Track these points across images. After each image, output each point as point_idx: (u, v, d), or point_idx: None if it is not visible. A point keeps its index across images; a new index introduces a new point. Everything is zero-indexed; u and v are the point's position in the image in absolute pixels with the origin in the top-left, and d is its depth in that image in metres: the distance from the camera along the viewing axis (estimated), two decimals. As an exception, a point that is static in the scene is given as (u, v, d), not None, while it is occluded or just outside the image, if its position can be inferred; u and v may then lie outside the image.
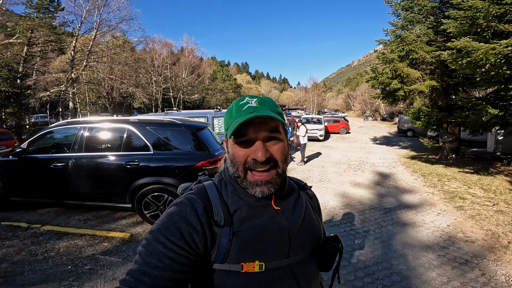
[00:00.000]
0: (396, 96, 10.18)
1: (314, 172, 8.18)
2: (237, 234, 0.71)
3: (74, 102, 24.31)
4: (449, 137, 10.04)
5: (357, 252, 3.48)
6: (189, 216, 0.69)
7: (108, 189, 4.17)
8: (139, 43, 27.08)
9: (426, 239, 3.87)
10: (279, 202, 0.78)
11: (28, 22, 19.73)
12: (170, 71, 40.60)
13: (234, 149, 0.73)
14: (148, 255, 0.65)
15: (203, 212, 0.71)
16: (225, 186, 0.78)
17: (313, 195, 0.97)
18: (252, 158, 0.71)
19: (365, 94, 58.46)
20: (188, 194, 0.76)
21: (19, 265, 3.07)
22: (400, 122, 21.51)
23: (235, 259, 0.69)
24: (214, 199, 0.74)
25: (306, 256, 0.80)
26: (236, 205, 0.74)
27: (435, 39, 9.45)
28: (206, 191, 0.76)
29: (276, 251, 0.73)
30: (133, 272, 0.64)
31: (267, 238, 0.73)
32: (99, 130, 4.37)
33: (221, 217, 0.71)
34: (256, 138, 0.71)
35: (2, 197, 4.54)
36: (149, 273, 0.63)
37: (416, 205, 5.30)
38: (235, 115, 0.72)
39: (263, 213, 0.75)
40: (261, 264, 0.70)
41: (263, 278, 0.70)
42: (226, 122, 0.75)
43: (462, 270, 3.10)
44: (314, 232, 0.84)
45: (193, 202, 0.72)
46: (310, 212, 0.86)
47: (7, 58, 18.59)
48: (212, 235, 0.70)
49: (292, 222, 0.78)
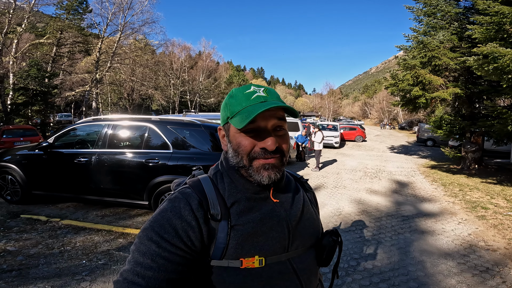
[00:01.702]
0: (417, 104, 9.95)
1: (329, 179, 8.09)
2: (235, 228, 0.68)
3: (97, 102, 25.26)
4: (472, 147, 9.67)
5: (372, 257, 3.41)
6: (183, 212, 0.66)
7: (127, 185, 4.26)
8: (160, 46, 27.98)
9: (446, 247, 3.75)
10: (278, 195, 0.76)
11: (58, 23, 20.80)
12: (187, 74, 41.49)
13: (239, 138, 0.70)
14: (141, 255, 0.62)
15: (198, 207, 0.67)
16: (221, 179, 0.74)
17: (310, 188, 0.93)
18: (260, 148, 0.68)
19: (383, 102, 57.38)
20: (182, 189, 0.72)
21: (35, 258, 3.10)
22: (419, 131, 20.90)
23: (234, 254, 0.66)
24: (210, 192, 0.70)
25: (305, 250, 0.77)
26: (234, 198, 0.71)
27: (459, 45, 9.21)
28: (201, 184, 0.72)
29: (275, 245, 0.70)
30: (126, 273, 0.62)
31: (266, 232, 0.70)
32: (123, 127, 4.48)
33: (217, 211, 0.68)
34: (266, 126, 0.69)
35: (25, 190, 4.70)
36: (143, 274, 0.60)
37: (435, 213, 5.13)
38: (244, 104, 0.69)
39: (261, 205, 0.72)
40: (260, 259, 0.67)
41: (264, 274, 0.68)
42: (231, 110, 0.71)
43: (483, 278, 3.01)
44: (313, 225, 0.82)
45: (187, 197, 0.69)
46: (308, 205, 0.84)
47: (36, 57, 19.60)
48: (209, 230, 0.67)
49: (291, 215, 0.75)
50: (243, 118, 0.66)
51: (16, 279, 2.72)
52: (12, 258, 3.09)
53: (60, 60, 22.88)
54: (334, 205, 5.48)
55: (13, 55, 17.19)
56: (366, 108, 72.50)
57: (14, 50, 17.43)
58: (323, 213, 5.03)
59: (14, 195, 4.80)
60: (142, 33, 23.48)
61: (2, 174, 4.78)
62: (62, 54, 22.59)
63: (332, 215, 4.93)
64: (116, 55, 22.64)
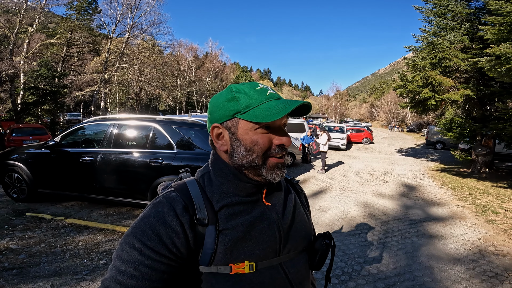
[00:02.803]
0: (426, 106, 9.74)
1: (335, 181, 7.98)
2: (224, 233, 0.65)
3: (106, 102, 25.60)
4: (483, 150, 9.44)
5: (377, 262, 3.33)
6: (167, 217, 0.62)
7: (131, 185, 4.26)
8: (167, 46, 28.17)
9: (454, 251, 3.65)
10: (270, 197, 0.74)
11: (68, 23, 21.18)
12: (194, 75, 41.76)
13: (255, 136, 0.66)
14: (123, 263, 0.59)
15: (183, 211, 0.64)
16: (209, 181, 0.71)
17: (301, 189, 0.90)
18: (277, 145, 0.67)
19: (391, 104, 56.72)
20: (166, 193, 0.69)
21: (36, 257, 3.10)
22: (429, 133, 20.52)
23: (223, 260, 0.63)
24: (196, 196, 0.67)
25: (297, 254, 0.75)
26: (222, 201, 0.68)
27: (471, 46, 9.00)
28: (186, 187, 0.69)
29: (266, 249, 0.68)
30: (108, 281, 0.60)
31: (257, 236, 0.67)
32: (128, 127, 4.50)
33: (204, 215, 0.64)
34: (280, 124, 0.69)
35: (31, 188, 4.75)
36: (125, 283, 0.58)
37: (444, 217, 5.00)
38: (261, 99, 0.66)
39: (252, 209, 0.69)
40: (251, 264, 0.65)
41: (255, 279, 0.65)
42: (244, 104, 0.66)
43: (491, 283, 2.93)
44: (305, 228, 0.79)
45: (171, 201, 0.65)
46: (299, 207, 0.81)
47: (47, 57, 19.96)
48: (196, 235, 0.64)
49: (283, 218, 0.73)
50: (265, 112, 0.64)
51: (16, 277, 2.72)
52: (14, 256, 3.10)
53: (70, 60, 23.29)
54: (339, 208, 5.39)
55: (24, 55, 17.53)
56: (373, 110, 71.71)
57: (25, 50, 17.77)
58: (328, 216, 4.95)
59: (20, 193, 4.86)
60: (149, 33, 23.81)
61: (9, 172, 4.83)
62: (72, 54, 23.00)
63: (337, 218, 4.84)
64: (125, 55, 22.92)
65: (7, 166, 4.84)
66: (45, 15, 19.24)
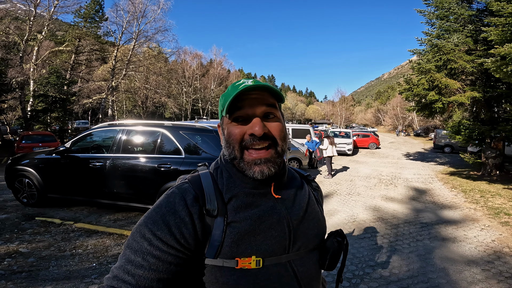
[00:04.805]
0: (433, 109, 9.66)
1: (342, 186, 7.90)
2: (231, 225, 0.64)
3: (113, 110, 25.93)
4: (492, 153, 9.28)
5: (389, 265, 3.26)
6: (177, 207, 0.63)
7: (140, 190, 4.27)
8: (172, 53, 28.57)
9: (469, 253, 3.58)
10: (279, 191, 0.72)
11: (76, 31, 21.65)
12: (199, 82, 42.17)
13: (230, 127, 0.68)
14: (133, 252, 0.60)
15: (193, 202, 0.64)
16: (220, 174, 0.72)
17: (317, 186, 0.89)
18: (249, 134, 0.65)
19: (397, 108, 56.38)
20: (180, 184, 0.70)
21: (46, 260, 3.11)
22: (436, 137, 20.27)
23: (229, 253, 0.63)
24: (208, 187, 0.67)
25: (307, 253, 0.72)
26: (231, 192, 0.67)
27: (475, 48, 8.94)
28: (199, 179, 0.70)
29: (274, 245, 0.66)
30: (117, 270, 0.60)
31: (265, 230, 0.66)
32: (136, 133, 4.54)
33: (214, 206, 0.65)
34: (254, 113, 0.66)
35: (41, 193, 4.80)
36: (133, 272, 0.58)
37: (457, 220, 4.90)
38: (232, 93, 0.66)
39: (261, 201, 0.68)
40: (258, 259, 0.63)
41: (260, 276, 0.63)
42: (222, 102, 0.70)
43: (509, 284, 2.87)
44: (318, 226, 0.76)
45: (183, 192, 0.66)
46: (313, 204, 0.79)
47: (56, 65, 20.35)
48: (204, 226, 0.64)
49: (292, 213, 0.71)
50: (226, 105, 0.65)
51: (25, 280, 2.72)
52: (24, 260, 3.11)
53: (78, 68, 23.73)
54: (347, 212, 5.32)
55: (33, 62, 17.91)
56: (379, 115, 71.29)
57: (35, 57, 18.16)
58: (335, 220, 4.89)
59: (30, 198, 4.91)
60: (155, 41, 24.18)
61: (20, 177, 4.89)
62: (80, 62, 23.45)
63: (346, 222, 4.77)
64: (131, 62, 23.30)
65: (17, 171, 4.91)
66: (53, 22, 19.74)
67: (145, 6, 22.45)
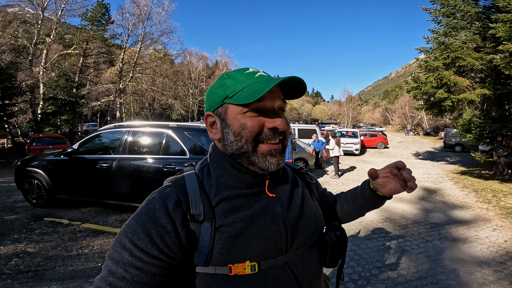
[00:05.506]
0: (442, 107, 9.45)
1: (349, 186, 7.81)
2: (220, 230, 0.59)
3: (121, 112, 26.24)
4: (504, 151, 9.03)
5: (397, 266, 3.19)
6: (158, 214, 0.58)
7: (145, 190, 4.25)
8: (178, 55, 28.78)
9: (480, 254, 3.47)
10: (274, 188, 0.68)
11: (84, 34, 22.05)
12: (205, 83, 42.33)
13: (243, 119, 0.61)
14: (114, 263, 0.56)
15: (175, 207, 0.60)
16: (208, 174, 0.67)
17: (311, 178, 0.84)
18: (269, 128, 0.61)
19: (405, 107, 55.54)
20: (162, 188, 0.65)
21: (52, 260, 3.14)
22: (446, 136, 19.88)
23: (220, 260, 0.58)
24: (193, 190, 0.62)
25: (306, 251, 0.68)
26: (220, 195, 0.63)
27: (483, 45, 8.74)
28: (184, 182, 0.64)
29: (270, 247, 0.62)
30: (99, 282, 0.57)
31: (259, 232, 0.61)
32: (142, 134, 4.58)
33: (199, 211, 0.60)
34: (273, 107, 0.63)
35: (49, 194, 4.88)
36: (115, 284, 0.55)
37: (468, 220, 4.77)
38: (248, 81, 0.61)
39: (253, 202, 0.64)
40: (253, 264, 0.59)
41: (257, 281, 0.60)
42: (231, 89, 0.62)
43: None
44: (315, 222, 0.72)
45: (164, 197, 0.61)
46: (308, 199, 0.75)
47: (65, 68, 20.75)
48: (189, 233, 0.59)
49: (289, 211, 0.67)
50: (252, 92, 0.59)
51: (31, 280, 2.75)
52: (31, 260, 3.15)
53: (87, 71, 24.15)
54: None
55: (43, 66, 18.26)
56: (387, 114, 70.32)
57: (44, 61, 18.52)
58: (343, 219, 4.81)
59: (39, 199, 4.99)
60: (161, 43, 24.32)
61: (29, 179, 4.98)
62: (88, 65, 23.87)
63: (352, 222, 4.68)
64: (138, 65, 23.56)
65: (27, 173, 4.99)
66: (61, 25, 20.08)
67: (150, 9, 22.68)
